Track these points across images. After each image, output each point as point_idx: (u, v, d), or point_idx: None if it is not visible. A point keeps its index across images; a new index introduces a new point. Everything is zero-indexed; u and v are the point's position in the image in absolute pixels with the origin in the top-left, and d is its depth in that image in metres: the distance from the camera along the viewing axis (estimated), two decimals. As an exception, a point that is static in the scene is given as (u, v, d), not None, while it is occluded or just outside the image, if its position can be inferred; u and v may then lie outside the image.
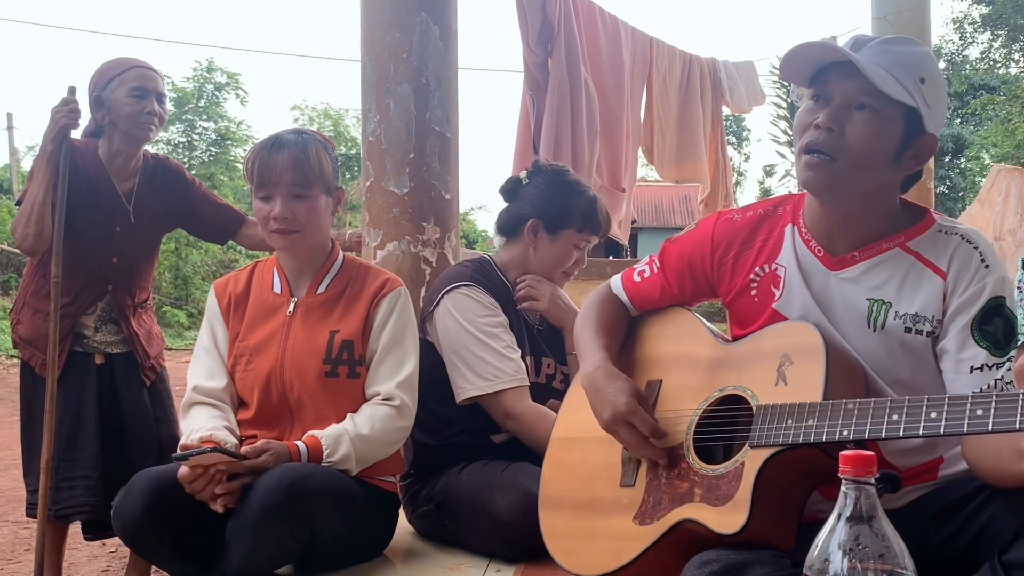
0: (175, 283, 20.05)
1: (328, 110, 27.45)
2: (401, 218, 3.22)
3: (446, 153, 3.31)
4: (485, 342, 2.46)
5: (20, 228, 2.98)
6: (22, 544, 4.23)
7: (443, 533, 2.49)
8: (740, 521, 1.53)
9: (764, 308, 1.79)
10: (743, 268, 1.83)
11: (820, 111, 1.65)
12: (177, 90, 23.08)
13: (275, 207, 2.26)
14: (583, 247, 2.69)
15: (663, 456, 1.73)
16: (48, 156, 2.97)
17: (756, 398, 1.65)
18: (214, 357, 2.37)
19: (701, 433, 1.73)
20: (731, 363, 1.76)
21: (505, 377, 2.43)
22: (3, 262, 17.99)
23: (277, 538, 2.03)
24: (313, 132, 2.39)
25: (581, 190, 2.69)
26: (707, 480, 1.65)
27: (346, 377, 2.29)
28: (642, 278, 2.01)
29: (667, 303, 1.99)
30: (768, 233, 1.82)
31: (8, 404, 9.20)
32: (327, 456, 2.19)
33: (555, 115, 3.74)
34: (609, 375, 1.82)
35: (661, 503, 1.70)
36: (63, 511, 3.01)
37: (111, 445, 3.09)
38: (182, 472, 2.03)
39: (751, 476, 1.55)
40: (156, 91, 3.10)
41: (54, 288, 2.98)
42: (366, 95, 3.33)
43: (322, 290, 2.37)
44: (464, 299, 2.52)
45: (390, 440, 2.30)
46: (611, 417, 1.76)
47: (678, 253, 1.95)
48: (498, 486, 2.30)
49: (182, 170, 3.34)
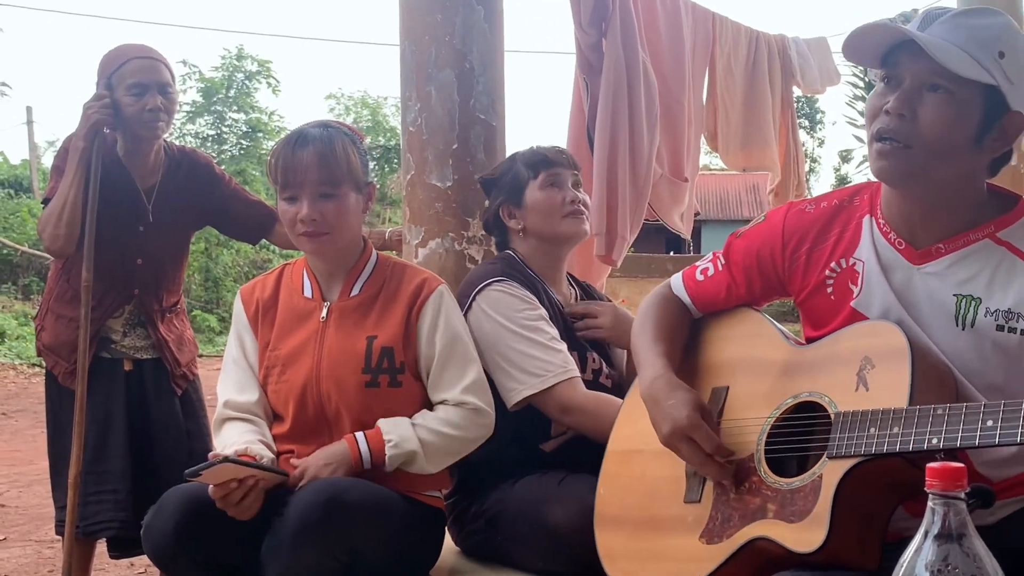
0: (205, 285, 20.32)
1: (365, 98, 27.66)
2: (444, 213, 3.23)
3: (492, 143, 3.31)
4: (528, 337, 2.46)
5: (50, 228, 3.02)
6: (46, 565, 4.31)
7: (494, 551, 2.49)
8: (819, 538, 1.52)
9: (841, 307, 1.77)
10: (817, 264, 1.81)
11: (891, 95, 1.63)
12: (205, 80, 23.43)
13: (302, 209, 2.27)
14: (556, 183, 2.66)
15: (728, 476, 1.72)
16: (80, 153, 3.00)
17: (834, 405, 1.64)
18: (244, 369, 2.39)
19: (773, 444, 1.72)
20: (805, 367, 1.75)
21: (556, 370, 2.43)
22: (23, 265, 18.35)
23: (315, 558, 2.05)
24: (339, 124, 2.41)
25: (513, 155, 2.77)
26: (781, 495, 1.63)
27: (387, 387, 2.30)
28: (705, 276, 1.99)
29: (733, 303, 1.97)
30: (844, 225, 1.80)
31: (30, 415, 9.40)
32: (388, 441, 2.21)
33: (611, 100, 3.72)
34: (670, 385, 1.81)
35: (730, 520, 1.69)
36: (90, 527, 3.04)
37: (140, 458, 3.12)
38: (211, 492, 2.05)
39: (830, 489, 1.54)
40: (158, 83, 3.07)
41: (85, 293, 3.01)
42: (406, 82, 3.35)
43: (356, 293, 2.38)
44: (499, 295, 2.52)
45: (469, 437, 2.31)
46: (671, 432, 1.76)
47: (745, 248, 1.93)
48: (555, 498, 2.30)
49: (211, 164, 3.38)
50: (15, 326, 15.12)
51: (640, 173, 3.93)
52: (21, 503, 5.70)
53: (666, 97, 4.19)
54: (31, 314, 15.51)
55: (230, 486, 2.05)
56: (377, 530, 2.13)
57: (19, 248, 17.79)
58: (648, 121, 3.94)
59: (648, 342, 1.95)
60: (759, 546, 1.62)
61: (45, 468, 3.26)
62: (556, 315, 2.60)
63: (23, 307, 16.64)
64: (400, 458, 2.23)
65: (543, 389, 2.42)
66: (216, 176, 3.34)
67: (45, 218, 3.04)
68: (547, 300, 2.60)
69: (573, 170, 2.70)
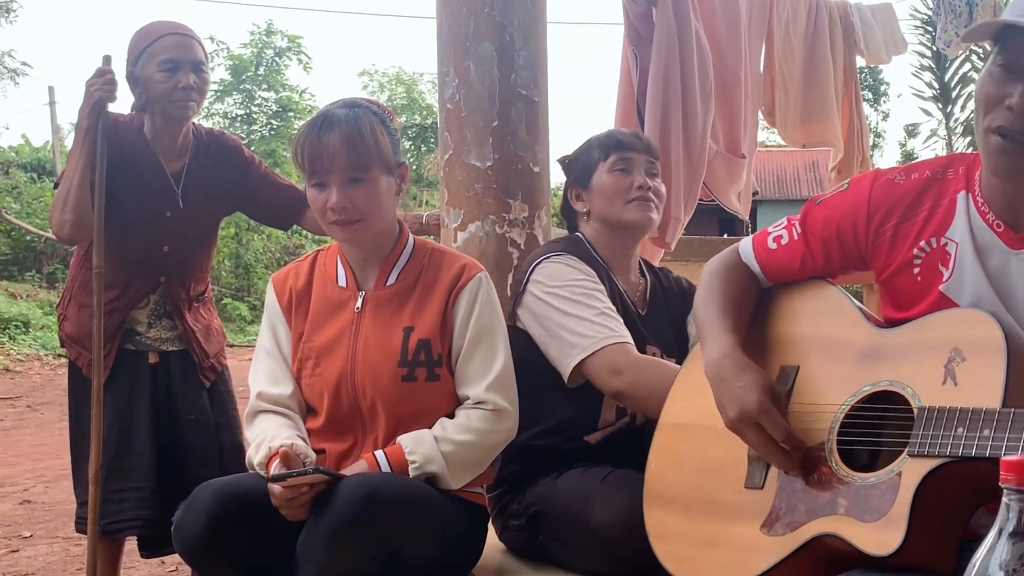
0: (235, 272, 20.53)
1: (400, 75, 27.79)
2: (484, 195, 3.23)
3: (534, 120, 3.30)
4: (582, 302, 2.45)
5: (57, 214, 3.03)
6: (74, 563, 4.38)
7: (537, 550, 2.49)
8: (895, 541, 1.49)
9: (929, 290, 1.72)
10: (905, 241, 1.76)
11: (1012, 86, 1.56)
12: (233, 58, 23.63)
13: (331, 196, 2.26)
14: (626, 168, 2.64)
15: (795, 465, 1.70)
16: (84, 133, 3.02)
17: (917, 397, 1.60)
18: (277, 360, 2.40)
19: (846, 433, 1.69)
20: (887, 353, 1.71)
21: (606, 333, 2.41)
22: (48, 252, 18.65)
23: (352, 556, 2.05)
24: (367, 102, 2.39)
25: (590, 137, 2.76)
26: (855, 490, 1.61)
27: (424, 380, 2.30)
28: (779, 245, 1.94)
29: (807, 275, 1.93)
30: (936, 200, 1.75)
31: (56, 408, 9.56)
32: (411, 462, 2.21)
33: (662, 73, 3.69)
34: (738, 366, 1.78)
35: (795, 512, 1.67)
36: (111, 526, 3.07)
37: (167, 453, 3.14)
38: (280, 492, 2.06)
39: (910, 490, 1.51)
40: (191, 61, 3.08)
41: (96, 280, 3.02)
42: (443, 56, 3.34)
43: (392, 281, 2.38)
44: (555, 266, 2.52)
45: (489, 444, 2.31)
46: (738, 416, 1.73)
47: (825, 218, 1.88)
48: (598, 496, 2.29)
49: (241, 148, 3.38)
50: (40, 315, 15.34)
51: (694, 150, 3.90)
52: (48, 499, 5.80)
53: (720, 69, 4.15)
54: (56, 303, 15.74)
55: (301, 490, 2.06)
56: (416, 528, 2.13)
57: (43, 234, 18.08)
58: (702, 95, 3.91)
59: (714, 313, 1.91)
60: (826, 543, 1.60)
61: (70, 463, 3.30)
62: (618, 304, 2.58)
63: (48, 296, 16.89)
64: (422, 479, 2.24)
65: (594, 351, 2.40)
66: (246, 159, 3.35)
67: (52, 204, 3.07)
68: (610, 286, 2.58)
69: (649, 156, 2.69)
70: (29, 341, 14.36)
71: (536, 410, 2.48)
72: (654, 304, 2.71)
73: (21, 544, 4.78)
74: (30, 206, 19.45)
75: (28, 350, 14.04)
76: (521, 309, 2.55)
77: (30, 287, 17.61)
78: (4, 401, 10.62)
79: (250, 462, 2.28)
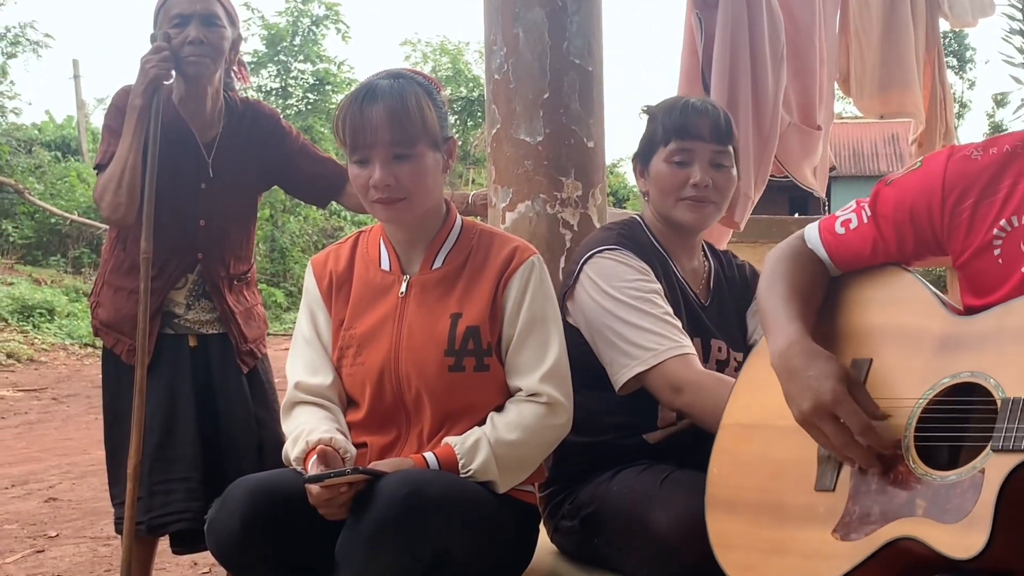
0: (271, 256, 20.72)
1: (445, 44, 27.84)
2: (535, 172, 3.23)
3: (588, 91, 3.29)
4: (639, 308, 2.44)
5: (109, 196, 3.08)
6: (102, 564, 4.45)
7: (591, 553, 2.50)
8: (979, 543, 1.48)
9: (1011, 273, 1.71)
10: (983, 221, 1.75)
11: None
12: (268, 27, 23.78)
13: (374, 172, 2.28)
14: (685, 160, 2.58)
15: (873, 462, 1.69)
16: (138, 112, 3.06)
17: (1001, 389, 1.59)
18: (317, 349, 2.42)
19: (924, 430, 1.68)
20: (967, 342, 1.69)
21: (668, 344, 2.40)
22: (73, 235, 18.91)
23: (394, 557, 2.07)
24: (413, 73, 2.40)
25: (666, 103, 2.68)
26: (934, 489, 1.60)
27: (473, 371, 2.31)
28: (847, 229, 1.94)
29: (879, 261, 1.92)
30: (1017, 176, 1.74)
31: (82, 400, 9.73)
32: (463, 467, 2.22)
33: (729, 37, 3.67)
34: (808, 353, 1.77)
35: (870, 515, 1.66)
36: (157, 520, 3.09)
37: (208, 445, 3.18)
38: (318, 492, 2.08)
39: (994, 488, 1.50)
40: (200, 13, 3.10)
41: (144, 265, 3.07)
42: (490, 24, 3.34)
43: (438, 265, 2.39)
44: (609, 263, 2.51)
45: (542, 442, 2.32)
46: (813, 409, 1.72)
47: (896, 199, 1.87)
48: (658, 499, 2.28)
49: (277, 117, 3.42)
50: (65, 302, 15.56)
51: (765, 121, 3.88)
52: (75, 496, 5.90)
53: (793, 33, 4.12)
54: (83, 289, 15.98)
55: (340, 490, 2.08)
56: (462, 528, 2.14)
57: (68, 217, 18.39)
58: (773, 61, 3.88)
59: (779, 302, 1.90)
60: (904, 547, 1.59)
61: (100, 458, 3.33)
62: (678, 294, 2.58)
63: (74, 281, 17.14)
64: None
65: (653, 365, 2.40)
66: (283, 129, 3.38)
67: (103, 185, 3.10)
68: (667, 275, 2.58)
69: (717, 145, 2.58)
70: (54, 330, 14.58)
71: (589, 404, 2.48)
72: (719, 293, 2.70)
73: (47, 544, 4.87)
74: (54, 187, 19.73)
75: (53, 339, 14.26)
76: (572, 304, 2.55)
77: (55, 272, 17.86)
78: (28, 393, 10.82)
79: (287, 456, 2.30)
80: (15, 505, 5.75)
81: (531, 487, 2.43)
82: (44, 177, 20.08)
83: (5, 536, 5.05)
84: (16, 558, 4.62)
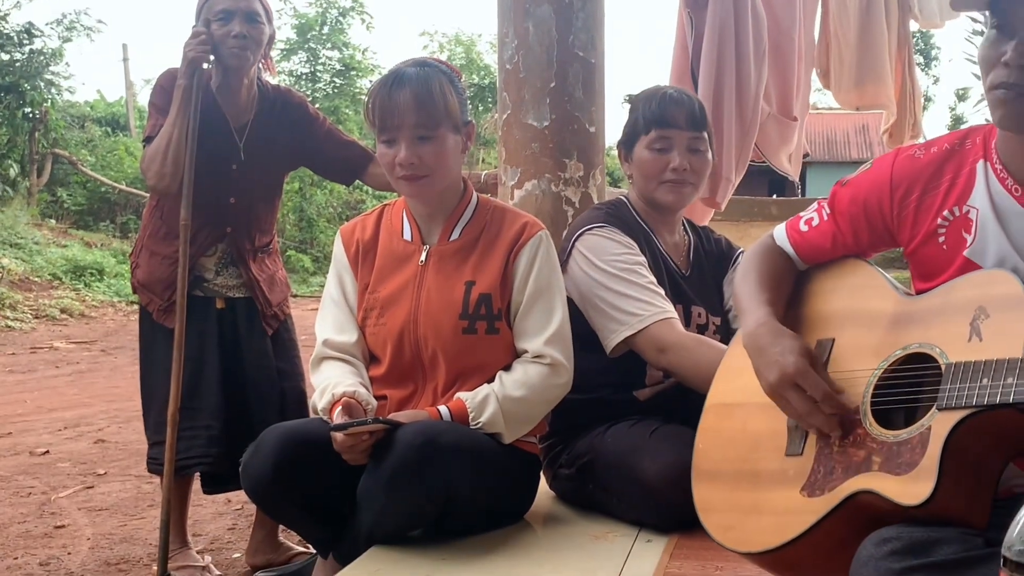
0: (299, 225, 20.72)
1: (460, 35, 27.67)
2: (541, 154, 3.24)
3: (591, 81, 3.30)
4: (625, 278, 2.47)
5: (156, 166, 3.10)
6: (145, 500, 4.49)
7: (586, 499, 2.53)
8: (926, 491, 1.50)
9: (954, 256, 1.73)
10: (928, 212, 1.77)
11: (1005, 44, 1.57)
12: (299, 16, 23.64)
13: (400, 152, 2.29)
14: (665, 147, 2.59)
15: (834, 426, 1.71)
16: (183, 92, 3.08)
17: (945, 356, 1.61)
18: (343, 309, 2.44)
19: (880, 396, 1.70)
20: (916, 319, 1.71)
21: (653, 310, 2.44)
22: (121, 203, 18.94)
23: (410, 498, 2.11)
24: (437, 62, 2.41)
25: (645, 94, 2.68)
26: (887, 447, 1.62)
27: (484, 333, 2.33)
28: (810, 227, 1.96)
29: (839, 254, 1.94)
30: (956, 171, 1.75)
31: (128, 352, 9.74)
32: (473, 420, 2.25)
33: (717, 34, 3.67)
34: (774, 332, 1.80)
35: (833, 473, 1.68)
36: (182, 462, 3.14)
37: (232, 396, 3.22)
38: (342, 439, 2.11)
39: (939, 441, 1.52)
40: (244, 11, 3.12)
41: (183, 231, 3.10)
42: (502, 17, 3.34)
43: (455, 237, 2.41)
44: (597, 239, 2.54)
45: (545, 399, 2.35)
46: (778, 380, 1.74)
47: (851, 197, 1.89)
48: (647, 450, 2.32)
49: (305, 104, 3.42)
50: (113, 264, 15.61)
51: (746, 112, 3.87)
52: (121, 439, 5.94)
53: (775, 32, 4.11)
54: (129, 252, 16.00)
55: (361, 438, 2.11)
56: (473, 474, 2.17)
57: (117, 186, 18.41)
58: (756, 58, 3.88)
59: (751, 290, 1.93)
60: (863, 500, 1.61)
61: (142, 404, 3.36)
62: (660, 266, 2.60)
63: (121, 245, 17.16)
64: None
65: (640, 329, 2.43)
66: (310, 116, 3.38)
67: (150, 156, 3.12)
68: (651, 249, 2.60)
69: (693, 132, 2.60)
70: (103, 288, 14.63)
71: (584, 365, 2.49)
72: (698, 265, 2.72)
73: (96, 481, 4.91)
74: (104, 159, 19.72)
75: (102, 297, 14.31)
76: (566, 277, 2.56)
77: (104, 236, 17.89)
78: (80, 345, 10.86)
79: (314, 406, 2.33)
80: (68, 445, 5.79)
81: (533, 438, 2.46)
82: (95, 150, 20.06)
83: (59, 473, 5.09)
84: (68, 492, 4.66)
